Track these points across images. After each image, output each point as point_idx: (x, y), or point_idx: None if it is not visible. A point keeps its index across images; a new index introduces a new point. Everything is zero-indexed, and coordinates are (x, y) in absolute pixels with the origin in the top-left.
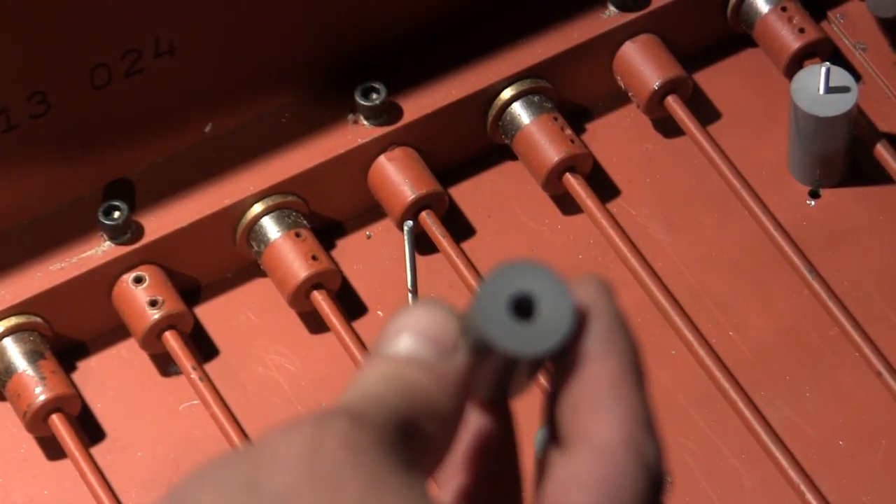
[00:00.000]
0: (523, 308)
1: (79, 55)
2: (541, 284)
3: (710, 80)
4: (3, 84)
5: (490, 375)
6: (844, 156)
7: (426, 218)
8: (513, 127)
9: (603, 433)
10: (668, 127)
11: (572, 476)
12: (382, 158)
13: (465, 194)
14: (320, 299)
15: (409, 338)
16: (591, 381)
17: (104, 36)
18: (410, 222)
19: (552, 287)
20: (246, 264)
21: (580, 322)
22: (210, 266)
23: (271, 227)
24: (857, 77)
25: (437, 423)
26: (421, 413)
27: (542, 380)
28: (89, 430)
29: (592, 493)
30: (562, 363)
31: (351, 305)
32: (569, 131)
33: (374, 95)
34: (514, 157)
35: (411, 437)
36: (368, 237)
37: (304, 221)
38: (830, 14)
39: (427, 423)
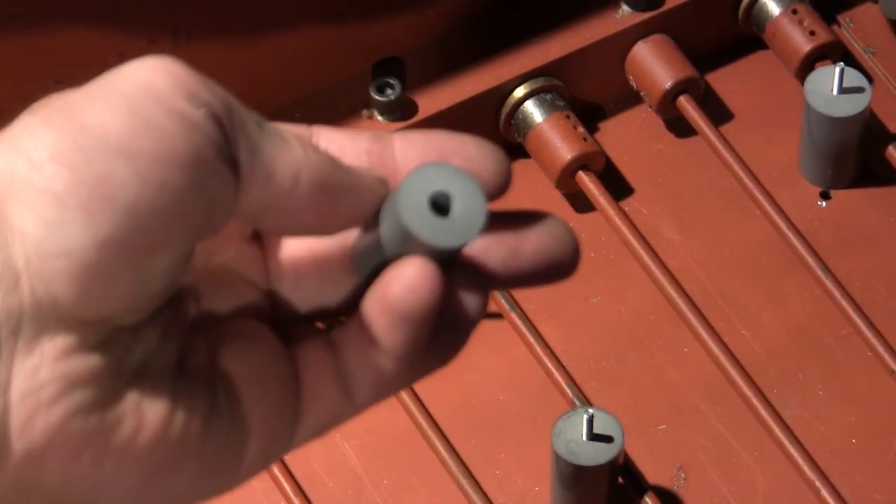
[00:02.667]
0: (440, 205)
1: (101, 44)
2: (456, 185)
3: (722, 81)
4: (28, 73)
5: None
6: (855, 157)
7: None
8: (525, 125)
9: None
10: (680, 127)
11: None
12: None
13: None
14: None
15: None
16: None
17: (124, 24)
18: None
19: (467, 187)
20: None
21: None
22: None
23: None
24: (868, 80)
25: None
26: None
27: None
28: None
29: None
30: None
31: None
32: (581, 129)
33: (389, 91)
34: (526, 154)
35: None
36: None
37: None
38: (840, 18)
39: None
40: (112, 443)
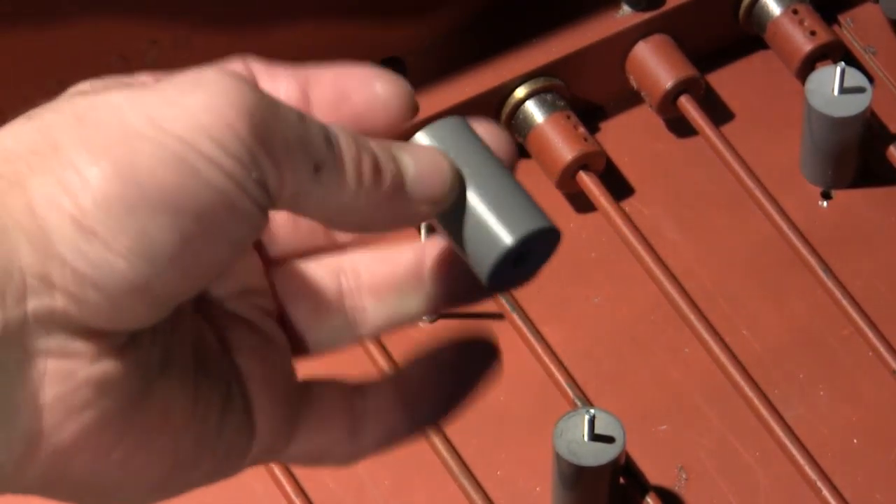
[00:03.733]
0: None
1: (102, 45)
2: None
3: (723, 81)
4: (29, 74)
5: None
6: (856, 157)
7: None
8: (526, 125)
9: None
10: (680, 127)
11: None
12: None
13: None
14: None
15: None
16: None
17: (125, 25)
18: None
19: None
20: None
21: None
22: None
23: None
24: (868, 80)
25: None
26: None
27: None
28: None
29: None
30: None
31: None
32: (582, 129)
33: None
34: (527, 154)
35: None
36: None
37: None
38: (841, 18)
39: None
40: (141, 440)
